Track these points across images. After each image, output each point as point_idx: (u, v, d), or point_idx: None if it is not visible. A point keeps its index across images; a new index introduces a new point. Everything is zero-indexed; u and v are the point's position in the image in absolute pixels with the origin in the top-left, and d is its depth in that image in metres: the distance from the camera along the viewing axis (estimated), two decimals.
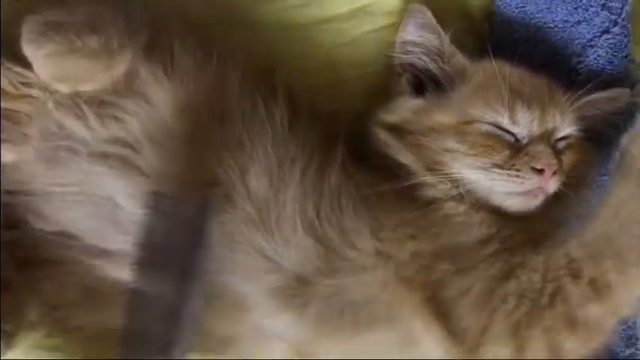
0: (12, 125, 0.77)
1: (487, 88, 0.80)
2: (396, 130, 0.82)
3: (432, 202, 0.78)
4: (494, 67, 0.80)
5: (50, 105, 0.76)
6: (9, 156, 0.77)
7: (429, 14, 0.83)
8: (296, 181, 0.76)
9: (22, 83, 0.76)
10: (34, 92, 0.76)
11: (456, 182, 0.78)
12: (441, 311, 0.72)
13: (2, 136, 0.76)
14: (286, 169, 0.76)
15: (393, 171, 0.80)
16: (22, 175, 0.77)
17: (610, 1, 0.88)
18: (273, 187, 0.75)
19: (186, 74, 0.77)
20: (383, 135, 0.83)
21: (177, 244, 0.67)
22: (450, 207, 0.77)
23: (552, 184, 0.77)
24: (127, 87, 0.76)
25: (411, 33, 0.84)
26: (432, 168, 0.78)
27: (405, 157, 0.80)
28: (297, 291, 0.74)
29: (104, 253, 0.76)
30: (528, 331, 0.70)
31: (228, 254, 0.75)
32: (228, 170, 0.75)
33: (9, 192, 0.77)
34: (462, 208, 0.77)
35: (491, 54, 0.81)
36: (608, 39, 0.89)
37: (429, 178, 0.78)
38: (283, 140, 0.78)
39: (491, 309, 0.71)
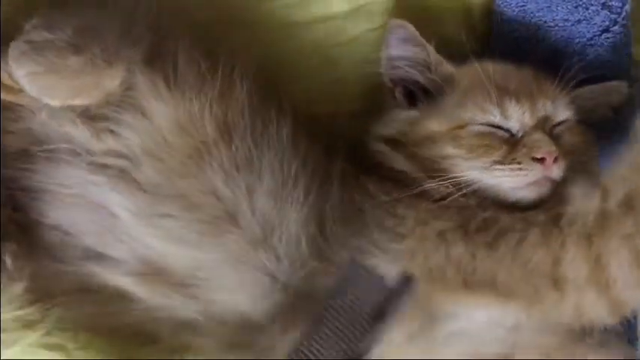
0: (15, 118, 0.77)
1: (474, 90, 0.81)
2: (395, 142, 0.82)
3: (444, 198, 0.77)
4: (478, 69, 0.80)
5: (44, 115, 0.75)
6: (13, 145, 0.77)
7: (411, 27, 0.82)
8: (300, 201, 0.75)
9: None
10: None
11: (460, 185, 0.77)
12: (488, 282, 0.70)
13: (3, 127, 0.76)
14: (290, 189, 0.75)
15: (399, 180, 0.79)
16: (23, 170, 0.77)
17: (610, 0, 0.88)
18: (278, 206, 0.74)
19: (190, 86, 0.76)
20: (382, 148, 0.83)
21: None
22: (462, 200, 0.76)
23: (556, 171, 0.76)
24: (123, 99, 0.75)
25: (395, 48, 0.84)
26: (435, 176, 0.78)
27: (407, 167, 0.80)
28: (305, 309, 0.72)
29: (99, 257, 0.76)
30: (604, 242, 0.68)
31: (233, 274, 0.74)
32: (235, 190, 0.74)
33: (10, 182, 0.77)
34: (473, 201, 0.76)
35: (472, 56, 0.81)
36: (608, 38, 0.88)
37: (434, 185, 0.77)
38: (288, 158, 0.77)
39: (560, 236, 0.70)
